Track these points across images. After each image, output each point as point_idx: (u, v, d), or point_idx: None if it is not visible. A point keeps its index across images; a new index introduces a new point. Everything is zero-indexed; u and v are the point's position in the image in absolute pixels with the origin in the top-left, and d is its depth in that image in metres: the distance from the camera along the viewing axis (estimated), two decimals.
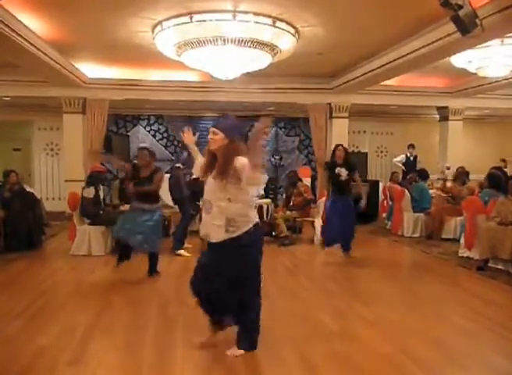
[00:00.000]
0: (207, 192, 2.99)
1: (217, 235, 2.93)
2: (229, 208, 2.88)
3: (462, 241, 6.29)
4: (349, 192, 5.83)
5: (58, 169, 11.20)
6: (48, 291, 4.68)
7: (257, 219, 3.03)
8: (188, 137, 3.52)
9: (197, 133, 3.61)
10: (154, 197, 5.12)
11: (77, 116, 9.50)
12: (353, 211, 5.84)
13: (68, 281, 5.21)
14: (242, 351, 3.07)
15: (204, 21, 5.45)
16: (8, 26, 5.30)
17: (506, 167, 9.23)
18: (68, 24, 6.08)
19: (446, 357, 3.13)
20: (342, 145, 5.90)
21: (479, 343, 3.40)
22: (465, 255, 6.15)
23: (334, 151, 5.83)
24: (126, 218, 5.13)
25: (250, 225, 2.94)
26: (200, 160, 3.24)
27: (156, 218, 5.07)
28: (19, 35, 5.65)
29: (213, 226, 2.93)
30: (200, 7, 5.29)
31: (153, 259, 5.14)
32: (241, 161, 2.81)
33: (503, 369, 2.98)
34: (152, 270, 5.16)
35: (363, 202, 6.01)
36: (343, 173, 5.68)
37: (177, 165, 6.64)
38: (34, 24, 5.91)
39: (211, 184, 2.96)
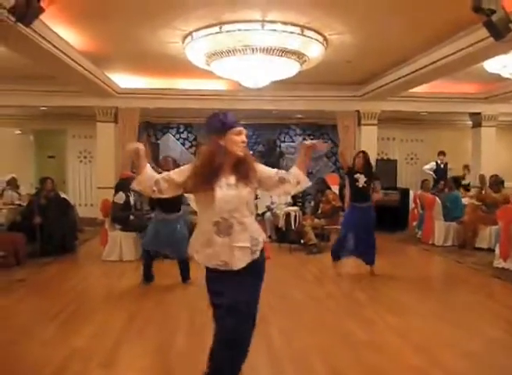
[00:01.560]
0: (221, 208, 2.31)
1: (242, 259, 2.35)
2: (252, 224, 2.43)
3: (497, 251, 6.11)
4: (367, 200, 5.61)
5: (90, 177, 11.48)
6: (81, 295, 4.82)
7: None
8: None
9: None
10: (178, 206, 5.17)
11: (109, 124, 9.76)
12: (373, 221, 5.62)
13: (100, 286, 5.34)
14: None
15: (234, 31, 5.53)
16: (45, 38, 5.50)
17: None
18: (101, 35, 6.28)
19: (478, 370, 3.05)
20: (363, 152, 5.82)
21: (511, 355, 3.30)
22: (500, 265, 5.96)
23: (354, 158, 5.75)
24: (153, 228, 5.17)
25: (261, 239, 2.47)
26: (150, 173, 2.41)
27: (182, 226, 5.14)
28: (55, 47, 5.85)
29: (235, 250, 2.33)
30: (229, 17, 5.38)
31: (183, 266, 5.18)
32: (259, 167, 2.51)
33: None
34: (185, 277, 5.19)
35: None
36: (361, 179, 5.58)
37: None
38: (69, 36, 6.12)
39: (228, 197, 2.32)
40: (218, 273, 2.37)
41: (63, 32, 5.93)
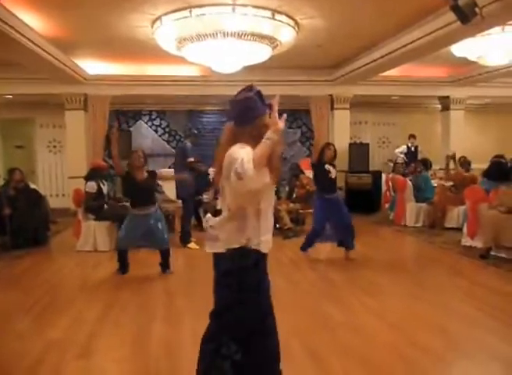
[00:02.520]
0: (270, 197, 2.26)
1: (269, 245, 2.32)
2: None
3: (465, 229, 6.32)
4: (336, 190, 5.67)
5: (61, 166, 11.23)
6: (55, 287, 4.75)
7: None
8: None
9: None
10: (153, 197, 5.10)
11: (79, 112, 9.52)
12: (346, 207, 5.69)
13: (75, 277, 5.27)
14: None
15: (204, 15, 5.45)
16: (8, 24, 5.31)
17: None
18: (67, 21, 6.08)
19: (451, 345, 3.17)
20: (333, 145, 5.80)
21: (484, 331, 3.43)
22: (468, 243, 6.18)
23: (324, 149, 5.56)
24: (129, 228, 4.97)
25: None
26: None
27: (158, 218, 5.05)
28: (20, 33, 5.66)
29: (270, 235, 2.30)
30: (199, 1, 5.29)
31: (165, 255, 5.13)
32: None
33: (507, 355, 3.01)
34: (165, 267, 5.15)
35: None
36: (332, 170, 5.51)
37: (191, 159, 6.52)
38: (34, 22, 5.92)
39: (272, 186, 2.24)
40: (264, 261, 2.27)
41: (27, 18, 5.74)
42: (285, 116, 2.06)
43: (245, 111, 2.15)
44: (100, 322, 3.69)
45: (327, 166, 5.50)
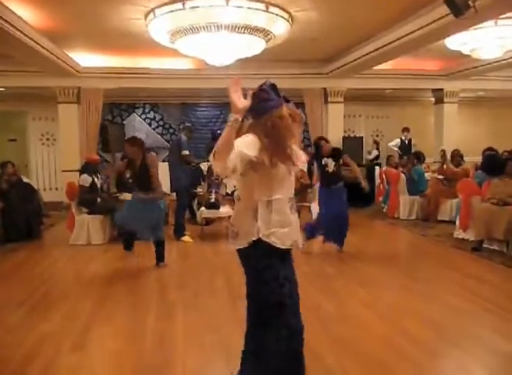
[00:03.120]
0: (285, 188, 2.21)
1: (299, 241, 2.33)
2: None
3: (457, 222, 6.37)
4: (337, 183, 5.57)
5: (54, 160, 11.17)
6: (48, 281, 4.74)
7: None
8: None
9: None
10: (151, 184, 5.05)
11: (72, 105, 9.45)
12: (345, 204, 5.65)
13: (68, 270, 5.27)
14: None
15: (197, 7, 5.41)
16: (1, 17, 5.25)
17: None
18: (59, 13, 6.02)
19: (442, 337, 3.20)
20: (325, 139, 5.78)
21: (475, 322, 3.47)
22: (460, 236, 6.23)
23: (318, 144, 5.55)
24: (130, 207, 5.09)
25: None
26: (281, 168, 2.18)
27: (161, 207, 5.09)
28: (11, 25, 5.59)
29: (298, 229, 2.29)
30: None
31: (160, 248, 5.14)
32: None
33: (499, 347, 3.05)
34: (160, 259, 5.15)
35: (364, 184, 5.69)
36: (330, 163, 5.51)
37: (185, 152, 6.48)
38: (26, 14, 5.85)
39: (288, 177, 2.24)
40: (284, 255, 2.21)
41: (20, 10, 5.67)
42: (250, 92, 2.08)
43: (258, 103, 2.15)
44: (94, 315, 3.70)
45: (325, 160, 5.51)
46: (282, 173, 2.16)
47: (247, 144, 2.03)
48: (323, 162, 5.52)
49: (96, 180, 6.57)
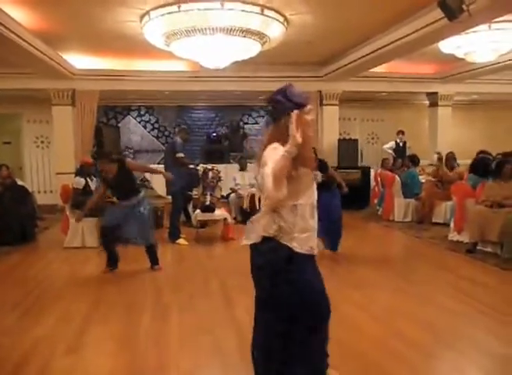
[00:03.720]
0: (308, 193, 2.22)
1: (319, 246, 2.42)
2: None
3: (452, 224, 6.39)
4: (330, 189, 5.55)
5: (48, 162, 11.14)
6: (42, 283, 4.71)
7: None
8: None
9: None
10: (134, 188, 5.09)
11: (67, 107, 9.42)
12: (339, 208, 5.62)
13: (62, 273, 5.23)
14: None
15: (192, 10, 5.42)
16: None
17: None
18: (54, 14, 6.01)
19: (436, 338, 3.21)
20: (314, 148, 5.79)
21: (469, 324, 3.49)
22: (455, 238, 6.25)
23: None
24: (115, 210, 5.07)
25: None
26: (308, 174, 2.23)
27: (146, 208, 5.03)
28: (5, 27, 5.58)
29: (315, 235, 2.27)
30: None
31: (151, 252, 5.10)
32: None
33: (493, 349, 3.06)
34: (154, 262, 5.12)
35: (344, 189, 5.79)
36: (318, 175, 5.55)
37: (180, 155, 6.47)
38: (20, 16, 5.84)
39: (311, 182, 2.26)
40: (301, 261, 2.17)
41: (13, 11, 5.65)
42: (309, 107, 2.14)
43: (274, 106, 2.21)
44: (88, 317, 3.68)
45: (313, 174, 5.47)
46: (306, 178, 2.17)
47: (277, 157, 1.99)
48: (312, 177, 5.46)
49: (90, 182, 6.54)
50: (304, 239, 2.16)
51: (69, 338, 3.26)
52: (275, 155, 2.01)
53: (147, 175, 9.29)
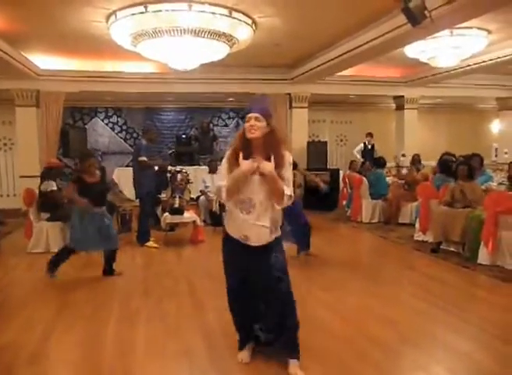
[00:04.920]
0: (246, 189, 2.59)
1: (261, 237, 2.65)
2: (274, 208, 2.64)
3: (417, 225, 6.55)
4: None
5: (12, 165, 10.80)
6: (4, 290, 4.57)
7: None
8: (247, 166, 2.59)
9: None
10: (105, 198, 5.00)
11: (31, 109, 9.14)
12: (298, 209, 5.38)
13: (26, 279, 5.07)
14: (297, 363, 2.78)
15: (160, 11, 5.37)
16: None
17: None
18: (17, 13, 5.84)
19: (401, 336, 3.28)
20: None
21: (432, 322, 3.58)
22: (420, 238, 6.42)
23: None
24: (83, 227, 4.72)
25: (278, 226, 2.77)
26: (224, 184, 2.61)
27: (109, 219, 4.95)
28: None
29: (256, 228, 2.62)
30: None
31: (113, 257, 4.93)
32: (288, 157, 2.64)
33: (456, 346, 3.14)
34: (110, 270, 4.95)
35: (322, 186, 5.80)
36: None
37: (142, 158, 6.35)
38: None
39: (253, 180, 2.59)
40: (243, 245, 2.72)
41: None
42: (249, 115, 2.62)
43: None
44: (52, 324, 3.58)
45: None
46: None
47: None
48: None
49: (59, 185, 6.38)
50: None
51: (32, 347, 3.16)
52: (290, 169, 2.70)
53: (116, 178, 9.17)
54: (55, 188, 6.19)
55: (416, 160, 8.46)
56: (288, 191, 2.57)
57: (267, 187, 2.58)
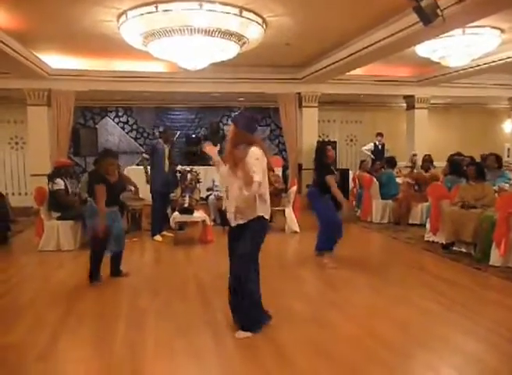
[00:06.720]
0: (224, 179, 3.35)
1: (232, 220, 3.31)
2: (240, 197, 3.19)
3: (428, 225, 6.49)
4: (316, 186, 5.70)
5: (23, 164, 10.91)
6: (15, 288, 4.60)
7: (262, 213, 3.30)
8: (211, 151, 3.53)
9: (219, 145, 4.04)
10: (119, 197, 5.03)
11: (42, 108, 9.23)
12: (320, 206, 5.67)
13: (36, 277, 5.12)
14: (247, 334, 3.23)
15: (171, 10, 5.39)
16: None
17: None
18: (29, 13, 5.89)
19: (411, 338, 3.25)
20: (330, 145, 5.85)
21: (442, 323, 3.53)
22: (431, 239, 6.35)
23: (324, 151, 5.45)
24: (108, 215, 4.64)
25: (255, 215, 3.24)
26: (224, 168, 3.34)
27: (120, 219, 4.95)
28: None
29: (229, 212, 3.29)
30: None
31: (118, 259, 4.87)
32: (252, 153, 3.13)
33: (466, 348, 3.11)
34: (117, 271, 4.88)
35: (345, 209, 5.78)
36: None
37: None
38: None
39: (227, 172, 3.27)
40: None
41: None
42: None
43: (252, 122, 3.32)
44: (62, 323, 3.60)
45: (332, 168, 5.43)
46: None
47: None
48: (332, 168, 5.42)
49: (68, 184, 6.42)
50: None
51: (41, 345, 3.18)
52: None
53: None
54: (62, 187, 6.23)
55: (427, 161, 8.39)
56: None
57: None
